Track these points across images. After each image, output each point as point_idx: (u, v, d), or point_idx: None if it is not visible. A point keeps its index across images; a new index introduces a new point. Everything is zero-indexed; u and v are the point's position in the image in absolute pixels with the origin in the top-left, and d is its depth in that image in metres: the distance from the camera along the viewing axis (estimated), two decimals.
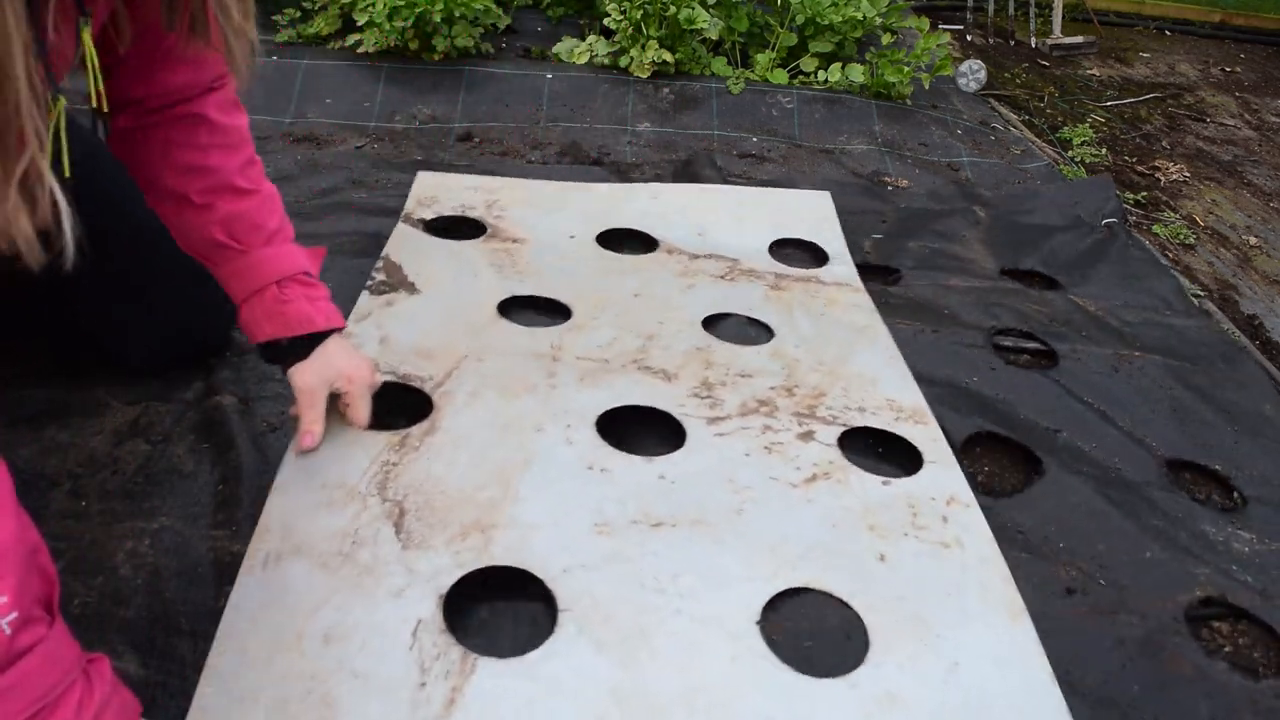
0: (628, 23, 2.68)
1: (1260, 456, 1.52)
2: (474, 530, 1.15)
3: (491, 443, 1.29)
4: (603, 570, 1.12)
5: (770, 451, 1.34)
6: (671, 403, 1.41)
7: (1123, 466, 1.45)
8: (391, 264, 1.70)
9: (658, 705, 0.97)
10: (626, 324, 1.60)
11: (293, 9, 2.84)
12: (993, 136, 2.80)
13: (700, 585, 1.12)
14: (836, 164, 2.51)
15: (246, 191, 1.21)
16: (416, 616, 1.03)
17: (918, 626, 1.10)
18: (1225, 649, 1.19)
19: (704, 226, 1.96)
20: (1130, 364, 1.69)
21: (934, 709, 1.01)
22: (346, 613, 1.03)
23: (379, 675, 0.97)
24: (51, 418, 1.33)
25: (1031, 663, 1.07)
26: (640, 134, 2.55)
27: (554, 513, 1.19)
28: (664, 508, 1.22)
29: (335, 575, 1.07)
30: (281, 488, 1.18)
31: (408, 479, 1.21)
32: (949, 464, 1.36)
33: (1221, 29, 4.47)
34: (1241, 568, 1.29)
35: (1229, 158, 3.08)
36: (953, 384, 1.59)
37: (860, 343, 1.62)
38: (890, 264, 2.01)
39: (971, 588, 1.16)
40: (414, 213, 1.90)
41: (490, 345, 1.50)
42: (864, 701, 1.01)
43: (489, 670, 0.99)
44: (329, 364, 1.24)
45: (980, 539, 1.23)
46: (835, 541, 1.20)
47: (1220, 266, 2.34)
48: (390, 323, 1.52)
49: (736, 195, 2.12)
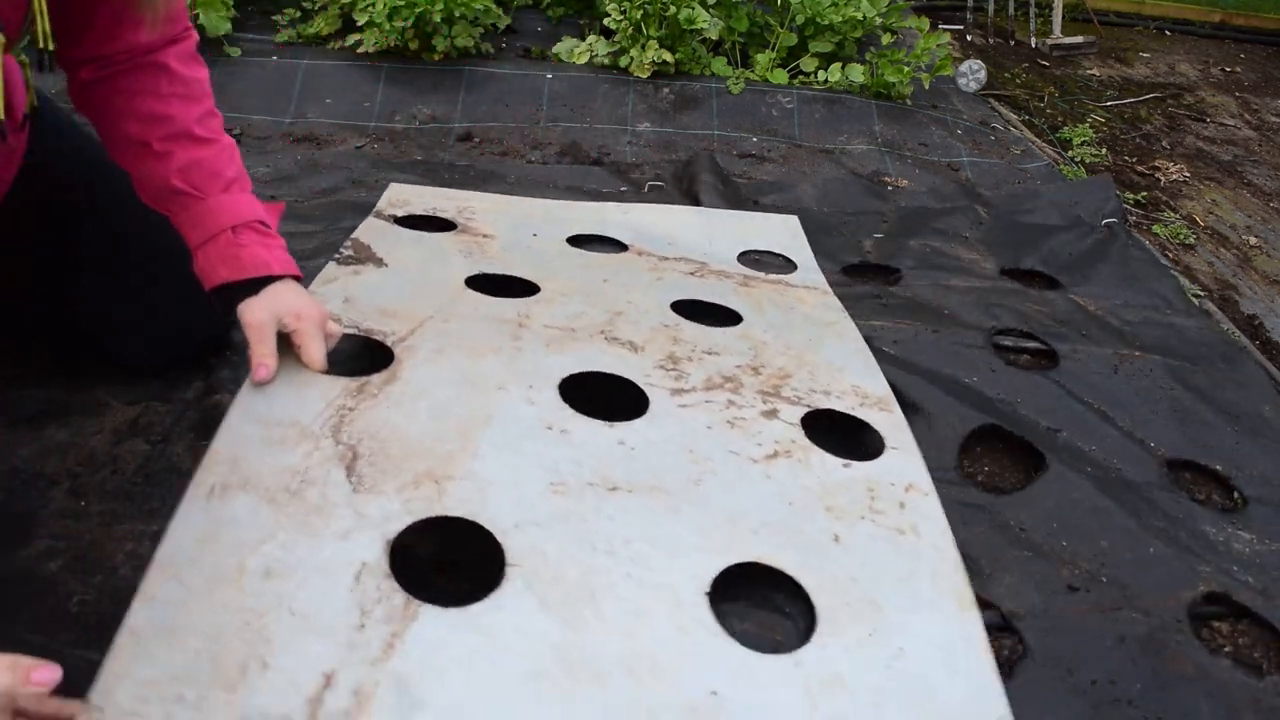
0: (628, 23, 2.68)
1: (1260, 456, 1.52)
2: (427, 480, 1.14)
3: (453, 398, 1.28)
4: (555, 529, 1.11)
5: (733, 426, 1.33)
6: (637, 372, 1.40)
7: (1123, 466, 1.45)
8: (360, 244, 1.69)
9: (599, 668, 0.96)
10: (594, 301, 1.59)
11: (293, 9, 2.84)
12: (993, 136, 2.80)
13: (652, 552, 1.11)
14: (836, 164, 2.51)
15: (205, 140, 1.23)
16: (361, 560, 1.02)
17: (867, 609, 1.09)
18: (1226, 648, 1.19)
19: (675, 239, 1.97)
20: (1131, 364, 1.69)
21: (876, 693, 1.00)
22: (290, 550, 1.01)
23: (318, 614, 0.95)
24: (51, 418, 1.33)
25: (976, 654, 1.07)
26: (640, 134, 2.55)
27: (510, 469, 1.17)
28: (621, 472, 1.21)
29: (282, 511, 1.05)
30: (233, 423, 1.16)
31: (363, 424, 1.20)
32: (911, 451, 1.35)
33: (1221, 29, 4.47)
34: (1242, 567, 1.29)
35: (1229, 158, 3.08)
36: (953, 383, 1.59)
37: (828, 335, 1.62)
38: (890, 264, 2.01)
39: (924, 575, 1.15)
40: (385, 210, 1.91)
41: (456, 311, 1.48)
42: (808, 681, 1.00)
43: (431, 618, 0.97)
44: (278, 299, 1.24)
45: (935, 527, 1.23)
46: (791, 519, 1.19)
47: (1220, 266, 2.34)
48: (356, 288, 1.50)
49: (705, 215, 2.13)
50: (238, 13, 2.69)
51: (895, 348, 1.65)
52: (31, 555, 1.10)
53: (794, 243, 2.04)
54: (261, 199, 1.30)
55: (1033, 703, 1.07)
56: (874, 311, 1.77)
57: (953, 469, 1.41)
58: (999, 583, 1.22)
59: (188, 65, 1.24)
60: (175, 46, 1.23)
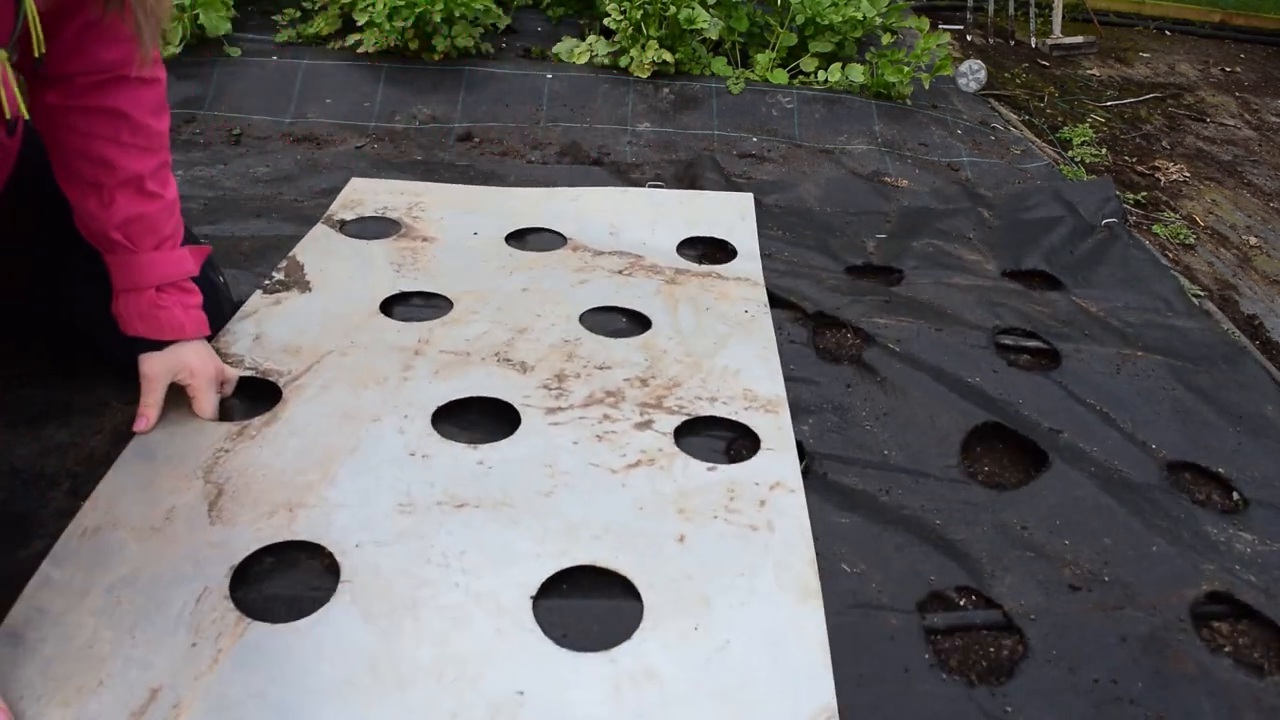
0: (628, 23, 2.68)
1: (1262, 458, 1.51)
2: (282, 509, 1.20)
3: (325, 431, 1.33)
4: (393, 546, 1.16)
5: (600, 440, 1.36)
6: (517, 394, 1.44)
7: (1124, 468, 1.45)
8: (295, 263, 1.75)
9: (406, 673, 1.01)
10: (502, 318, 1.64)
11: (293, 9, 2.84)
12: (993, 136, 2.80)
13: (484, 562, 1.15)
14: (836, 164, 2.51)
15: (152, 195, 1.26)
16: (205, 584, 1.08)
17: (697, 605, 1.12)
18: (1226, 648, 1.19)
19: (618, 227, 1.99)
20: (1133, 364, 1.69)
21: (691, 685, 1.03)
22: (142, 579, 1.09)
23: (155, 636, 1.02)
24: (51, 418, 1.33)
25: (808, 643, 1.08)
26: (640, 134, 2.55)
27: (363, 493, 1.23)
28: (472, 490, 1.26)
29: (144, 546, 1.13)
30: (118, 468, 1.23)
31: (235, 464, 1.26)
32: (786, 450, 1.38)
33: (1221, 29, 4.47)
34: (1244, 567, 1.29)
35: (1229, 158, 3.08)
36: (956, 381, 1.59)
37: (736, 335, 1.65)
38: (893, 264, 2.01)
39: (766, 569, 1.17)
40: (335, 214, 1.95)
41: (359, 341, 1.54)
42: (618, 676, 1.03)
43: (258, 633, 1.04)
44: (178, 356, 1.31)
45: (792, 523, 1.25)
46: (636, 523, 1.23)
47: (1220, 266, 2.34)
48: (269, 321, 1.57)
49: (655, 197, 2.15)
50: (238, 13, 2.69)
51: (899, 345, 1.65)
52: (31, 555, 1.10)
53: (742, 224, 2.06)
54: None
55: (1035, 701, 1.07)
56: (877, 310, 1.77)
57: (955, 467, 1.41)
58: (1001, 582, 1.22)
59: (154, 116, 1.26)
60: (144, 92, 1.23)
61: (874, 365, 1.61)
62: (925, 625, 1.15)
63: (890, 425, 1.49)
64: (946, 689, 1.07)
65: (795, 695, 1.03)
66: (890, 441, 1.45)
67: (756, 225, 2.05)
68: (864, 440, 1.45)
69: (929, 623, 1.16)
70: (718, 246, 1.99)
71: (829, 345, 1.70)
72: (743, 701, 1.02)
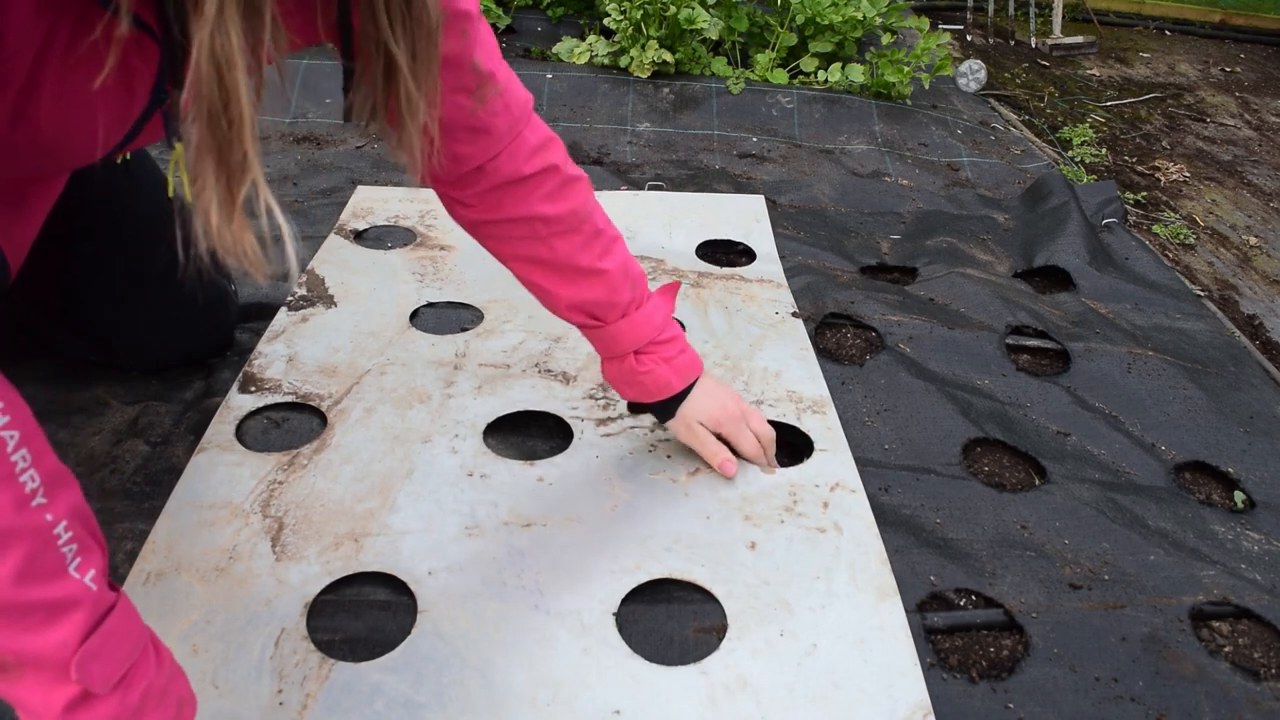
0: (628, 23, 2.68)
1: (1270, 458, 1.51)
2: (347, 540, 1.17)
3: (378, 456, 1.31)
4: (466, 571, 1.14)
5: (655, 450, 1.35)
6: (564, 406, 1.43)
7: (1132, 468, 1.45)
8: (315, 277, 1.73)
9: (499, 701, 0.99)
10: (535, 327, 1.62)
11: None
12: (993, 136, 2.80)
13: (560, 580, 1.13)
14: (836, 164, 2.50)
15: (591, 272, 1.19)
16: (281, 625, 1.05)
17: (779, 611, 1.11)
18: (1227, 648, 1.18)
19: (634, 231, 1.98)
20: (1144, 364, 1.69)
21: (786, 691, 1.02)
22: (215, 625, 1.05)
23: (239, 685, 0.98)
24: (51, 418, 1.33)
25: (894, 641, 1.08)
26: (640, 134, 2.55)
27: (427, 518, 1.21)
28: (536, 508, 1.24)
29: (210, 588, 1.09)
30: (170, 512, 1.20)
31: (290, 496, 1.23)
32: (840, 450, 1.38)
33: (1221, 29, 4.47)
34: (1250, 568, 1.28)
35: (1229, 158, 3.08)
36: (964, 381, 1.59)
37: (770, 337, 1.64)
38: (906, 264, 2.01)
39: (841, 570, 1.17)
40: (347, 224, 1.93)
41: (395, 358, 1.52)
42: (712, 687, 1.02)
43: (344, 673, 1.01)
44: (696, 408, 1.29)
45: (860, 522, 1.25)
46: (705, 532, 1.22)
47: (1220, 266, 2.34)
48: (300, 340, 1.54)
49: (667, 200, 2.14)
50: None
51: (910, 344, 1.66)
52: None
53: (757, 226, 2.05)
54: None
55: (1036, 700, 1.07)
56: (889, 308, 1.77)
57: (956, 464, 1.41)
58: (1003, 580, 1.22)
59: (556, 202, 1.15)
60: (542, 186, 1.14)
61: (881, 364, 1.61)
62: (926, 625, 1.15)
63: (891, 422, 1.49)
64: (947, 688, 1.07)
65: (889, 694, 1.02)
66: (892, 437, 1.45)
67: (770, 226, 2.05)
68: (864, 437, 1.45)
69: (929, 622, 1.16)
70: (731, 248, 1.99)
71: (829, 345, 1.70)
72: (838, 703, 1.01)
